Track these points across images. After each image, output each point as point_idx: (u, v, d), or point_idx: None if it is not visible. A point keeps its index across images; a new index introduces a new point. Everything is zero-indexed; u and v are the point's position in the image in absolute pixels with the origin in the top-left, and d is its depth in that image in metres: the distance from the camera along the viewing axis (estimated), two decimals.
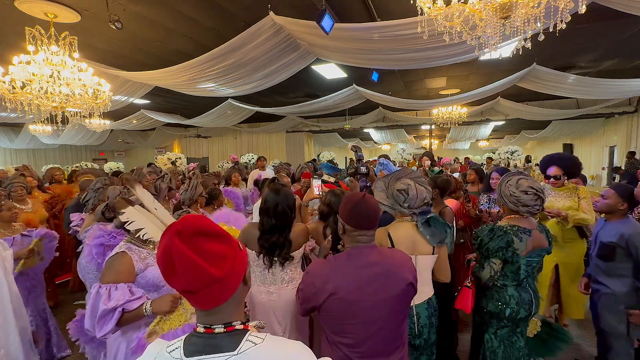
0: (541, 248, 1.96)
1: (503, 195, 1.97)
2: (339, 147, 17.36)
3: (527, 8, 2.22)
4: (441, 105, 8.82)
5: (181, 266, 0.71)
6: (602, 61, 6.61)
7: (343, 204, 1.44)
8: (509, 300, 1.90)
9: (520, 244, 1.85)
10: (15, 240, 2.55)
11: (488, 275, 1.91)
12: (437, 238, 1.83)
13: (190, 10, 4.19)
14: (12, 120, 9.44)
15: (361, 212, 1.37)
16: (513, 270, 1.90)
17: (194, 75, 5.28)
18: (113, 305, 1.47)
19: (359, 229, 1.38)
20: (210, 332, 0.77)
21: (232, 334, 0.77)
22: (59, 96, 3.94)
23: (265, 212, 2.00)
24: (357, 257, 1.37)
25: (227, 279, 0.76)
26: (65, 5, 3.82)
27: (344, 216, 1.41)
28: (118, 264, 1.61)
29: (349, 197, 1.45)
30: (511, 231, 1.87)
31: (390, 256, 1.41)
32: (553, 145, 15.53)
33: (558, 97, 9.05)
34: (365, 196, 1.40)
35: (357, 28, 3.92)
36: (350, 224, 1.39)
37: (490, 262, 1.91)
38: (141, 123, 10.88)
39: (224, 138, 15.29)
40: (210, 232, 0.76)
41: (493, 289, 1.96)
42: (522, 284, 1.93)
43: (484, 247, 1.93)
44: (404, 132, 14.14)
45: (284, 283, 2.06)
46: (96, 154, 16.72)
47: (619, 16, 3.92)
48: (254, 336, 0.78)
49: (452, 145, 19.07)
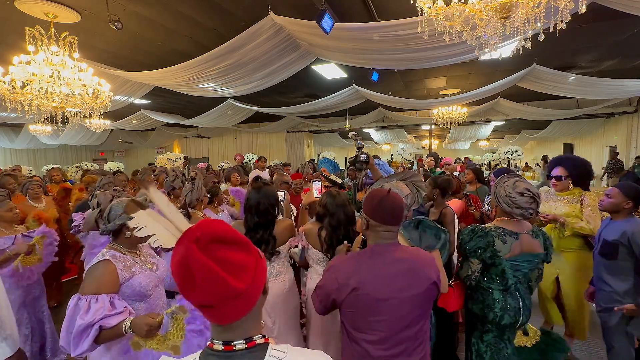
0: (531, 254, 1.89)
1: (498, 195, 1.94)
2: (339, 147, 17.35)
3: (527, 8, 2.22)
4: (441, 105, 8.82)
5: (200, 278, 0.65)
6: (602, 61, 6.61)
7: (368, 199, 1.43)
8: (493, 304, 1.86)
9: (503, 246, 1.83)
10: (17, 239, 2.55)
11: (465, 274, 1.93)
12: (425, 243, 1.79)
13: (190, 11, 4.19)
14: (12, 120, 9.44)
15: (387, 208, 1.36)
16: (497, 273, 1.86)
17: (194, 75, 5.28)
18: (90, 321, 1.35)
19: (385, 224, 1.37)
20: (230, 350, 0.71)
21: (253, 350, 0.72)
22: (59, 96, 3.94)
23: (249, 210, 2.07)
24: (381, 253, 1.36)
25: (249, 292, 0.69)
26: (65, 5, 3.82)
27: (369, 211, 1.40)
28: (100, 273, 1.51)
29: (374, 192, 1.44)
30: (495, 232, 1.86)
31: (415, 254, 1.41)
32: (553, 145, 15.53)
33: (558, 97, 9.05)
34: (391, 192, 1.40)
35: (357, 28, 3.92)
36: (375, 220, 1.38)
37: (469, 262, 1.93)
38: (141, 123, 10.88)
39: (224, 138, 15.29)
40: (230, 239, 0.70)
41: (479, 291, 1.93)
42: (509, 289, 1.88)
43: (463, 246, 1.94)
44: (404, 132, 14.14)
45: (272, 277, 2.14)
46: (96, 154, 16.72)
47: (619, 16, 3.92)
48: (276, 350, 0.74)
49: (452, 145, 19.05)
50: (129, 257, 1.62)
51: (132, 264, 1.61)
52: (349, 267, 1.37)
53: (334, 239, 2.07)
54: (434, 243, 1.82)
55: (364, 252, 1.40)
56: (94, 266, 1.53)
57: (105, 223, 1.66)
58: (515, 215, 1.89)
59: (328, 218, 2.10)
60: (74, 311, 1.39)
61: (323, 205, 2.16)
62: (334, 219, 2.08)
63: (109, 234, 1.67)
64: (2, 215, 2.58)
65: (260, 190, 2.10)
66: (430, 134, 13.69)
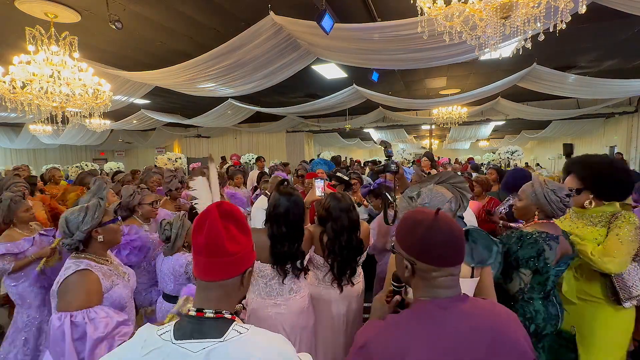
0: (567, 255, 1.77)
1: (549, 200, 1.73)
2: (339, 147, 17.35)
3: (527, 8, 2.22)
4: (441, 105, 8.82)
5: (208, 229, 0.83)
6: (602, 61, 6.61)
7: (406, 229, 0.97)
8: (535, 315, 1.69)
9: (551, 253, 1.67)
10: (35, 240, 2.53)
11: (517, 288, 1.69)
12: (478, 257, 1.49)
13: (190, 10, 4.19)
14: (12, 120, 9.43)
15: (441, 239, 0.91)
16: (541, 281, 1.71)
17: (194, 75, 5.28)
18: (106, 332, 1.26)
19: (444, 265, 0.92)
20: (200, 316, 0.83)
21: (219, 321, 0.83)
22: (59, 96, 3.94)
23: (275, 218, 1.82)
24: (442, 316, 0.89)
25: (232, 260, 0.85)
26: (65, 5, 3.82)
27: (413, 249, 0.94)
28: (85, 283, 1.37)
29: (414, 217, 0.96)
30: (540, 238, 1.69)
31: (492, 312, 0.93)
32: (553, 145, 15.52)
33: (558, 97, 9.04)
34: (440, 214, 0.94)
35: (357, 28, 3.92)
36: (426, 261, 0.92)
37: (520, 273, 1.70)
38: (141, 123, 10.88)
39: (224, 138, 15.28)
40: (241, 222, 0.88)
41: (517, 303, 1.73)
42: (549, 296, 1.75)
43: (512, 256, 1.73)
44: (404, 132, 14.13)
45: (292, 293, 1.93)
46: (96, 154, 16.72)
47: (619, 16, 3.92)
48: (239, 326, 0.83)
49: (452, 145, 19.05)
50: (104, 266, 1.52)
51: (110, 272, 1.50)
52: (394, 341, 0.87)
53: (336, 245, 1.98)
54: (487, 257, 1.52)
55: (414, 314, 0.92)
56: (72, 279, 1.37)
57: (68, 237, 1.48)
58: (557, 217, 1.79)
59: (331, 222, 1.99)
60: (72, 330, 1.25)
61: (326, 208, 2.04)
62: (337, 224, 1.98)
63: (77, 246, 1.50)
64: (20, 216, 2.54)
65: (291, 197, 1.84)
66: (430, 134, 13.70)
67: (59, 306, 1.34)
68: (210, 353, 0.77)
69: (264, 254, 1.87)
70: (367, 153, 21.73)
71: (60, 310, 1.31)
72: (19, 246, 2.44)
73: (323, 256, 2.04)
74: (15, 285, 2.44)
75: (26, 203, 2.62)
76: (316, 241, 2.05)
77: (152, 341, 0.80)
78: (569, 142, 13.63)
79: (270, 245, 1.85)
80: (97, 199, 1.60)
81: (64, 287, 1.37)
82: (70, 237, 1.49)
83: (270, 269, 1.88)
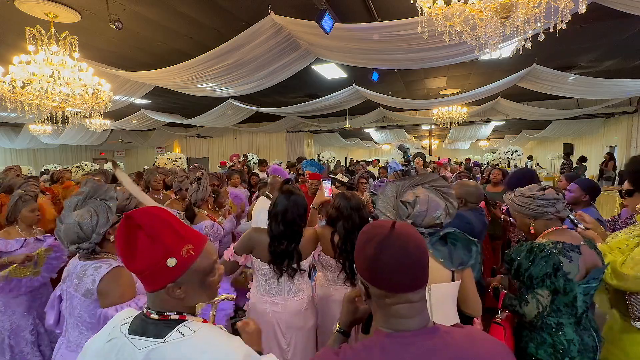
0: (597, 269, 1.47)
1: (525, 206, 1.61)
2: (339, 147, 17.35)
3: (527, 8, 2.22)
4: (441, 105, 8.82)
5: (116, 243, 0.84)
6: (602, 61, 6.61)
7: (359, 246, 0.80)
8: (568, 346, 1.41)
9: (571, 266, 1.41)
10: (27, 242, 2.42)
11: (535, 312, 1.45)
12: (457, 260, 1.42)
13: (190, 10, 4.19)
14: (12, 120, 9.44)
15: (393, 261, 0.73)
16: (567, 302, 1.43)
17: (194, 75, 5.28)
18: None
19: (397, 291, 0.74)
20: (147, 316, 0.85)
21: (164, 323, 0.83)
22: (59, 96, 3.94)
23: (274, 217, 1.86)
24: (402, 357, 0.71)
25: (142, 277, 0.82)
26: (65, 5, 3.82)
27: (364, 269, 0.78)
28: (124, 278, 1.48)
29: (368, 232, 0.80)
30: (556, 249, 1.44)
31: (470, 348, 0.73)
32: (553, 145, 15.53)
33: (558, 97, 9.05)
34: (398, 228, 0.76)
35: (357, 28, 3.92)
36: (377, 284, 0.76)
37: (536, 295, 1.45)
38: (141, 123, 10.88)
39: (224, 138, 15.28)
40: (150, 230, 0.80)
41: (544, 330, 1.47)
42: (581, 321, 1.46)
43: (524, 274, 1.49)
44: (404, 132, 14.13)
45: (291, 294, 1.92)
46: (96, 153, 16.72)
47: (619, 16, 3.92)
48: (186, 328, 0.83)
49: (452, 145, 19.07)
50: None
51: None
52: None
53: (347, 244, 1.97)
54: (467, 259, 1.44)
55: (369, 351, 0.74)
56: (113, 273, 1.47)
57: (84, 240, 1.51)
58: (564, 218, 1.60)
59: (342, 221, 1.99)
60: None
61: (336, 207, 2.03)
62: (349, 222, 1.97)
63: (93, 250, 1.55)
64: (24, 215, 2.50)
65: (290, 196, 1.86)
66: (430, 134, 13.71)
67: (105, 302, 1.44)
68: (150, 353, 0.80)
69: (264, 252, 1.89)
70: (367, 153, 21.74)
71: (106, 306, 1.43)
72: (7, 245, 2.33)
73: (334, 257, 2.03)
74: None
75: (34, 204, 2.55)
76: (326, 242, 2.04)
77: (116, 330, 0.87)
78: (568, 142, 13.69)
79: (268, 244, 1.87)
80: (100, 200, 1.61)
81: (105, 284, 1.45)
82: (87, 241, 1.53)
83: (268, 268, 1.90)
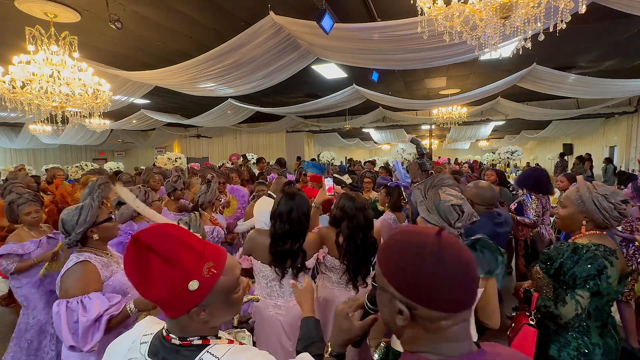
0: (624, 273, 1.52)
1: (601, 209, 1.50)
2: (339, 147, 17.35)
3: (527, 8, 2.22)
4: (441, 105, 8.82)
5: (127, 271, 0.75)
6: (602, 61, 6.60)
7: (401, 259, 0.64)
8: (593, 349, 1.40)
9: (613, 271, 1.41)
10: (42, 242, 2.49)
11: (572, 314, 1.40)
12: (485, 267, 1.40)
13: (190, 10, 4.18)
14: (12, 120, 9.43)
15: (456, 275, 0.61)
16: (599, 306, 1.44)
17: (194, 75, 5.28)
18: (95, 315, 1.38)
19: (456, 311, 0.62)
20: (168, 339, 0.80)
21: (186, 349, 0.79)
22: (59, 96, 3.94)
23: (278, 217, 1.85)
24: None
25: (161, 304, 0.76)
26: (65, 5, 3.82)
27: (414, 288, 0.62)
28: (82, 273, 1.49)
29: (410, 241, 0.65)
30: (599, 252, 1.42)
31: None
32: (553, 145, 15.53)
33: (558, 97, 9.05)
34: (444, 236, 0.64)
35: (357, 28, 3.92)
36: (435, 305, 0.62)
37: (576, 295, 1.40)
38: (141, 123, 10.88)
39: (224, 138, 15.28)
40: (164, 252, 0.73)
41: (569, 333, 1.45)
42: (607, 324, 1.48)
43: (567, 273, 1.45)
44: (404, 132, 14.15)
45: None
46: (96, 153, 16.72)
47: (619, 16, 3.92)
48: (210, 355, 0.77)
49: (452, 145, 19.07)
50: (103, 257, 1.62)
51: (108, 263, 1.61)
52: None
53: (351, 245, 1.96)
54: (495, 267, 1.41)
55: None
56: (72, 269, 1.50)
57: (66, 236, 1.61)
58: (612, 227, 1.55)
59: (347, 222, 1.98)
60: (67, 315, 1.38)
61: (341, 207, 2.02)
62: (353, 223, 1.97)
63: (75, 244, 1.62)
64: (22, 218, 2.51)
65: (294, 197, 1.87)
66: (430, 134, 13.71)
67: (60, 294, 1.47)
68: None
69: (265, 254, 1.87)
70: (367, 153, 21.74)
71: (60, 297, 1.45)
72: (24, 247, 2.40)
73: (338, 258, 2.02)
74: (19, 287, 2.43)
75: (30, 206, 2.53)
76: (331, 243, 2.03)
77: (135, 348, 0.82)
78: (568, 142, 13.70)
79: (269, 244, 1.85)
80: (89, 199, 1.64)
81: (65, 277, 1.50)
82: (68, 236, 1.60)
83: (270, 270, 1.88)
